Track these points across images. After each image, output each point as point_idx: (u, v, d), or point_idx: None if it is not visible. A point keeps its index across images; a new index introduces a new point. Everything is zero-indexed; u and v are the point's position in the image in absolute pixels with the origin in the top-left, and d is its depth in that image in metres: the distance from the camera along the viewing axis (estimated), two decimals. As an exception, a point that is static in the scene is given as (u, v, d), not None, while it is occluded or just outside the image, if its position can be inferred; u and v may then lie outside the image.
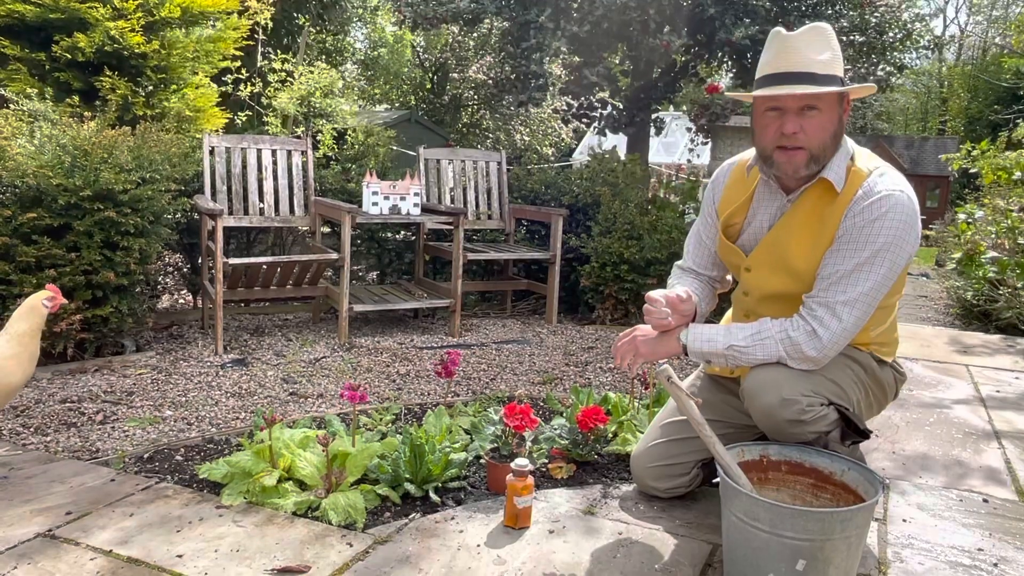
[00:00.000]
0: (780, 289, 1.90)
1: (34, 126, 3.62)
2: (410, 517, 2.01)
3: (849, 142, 1.84)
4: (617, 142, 9.89)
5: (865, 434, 1.83)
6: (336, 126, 6.58)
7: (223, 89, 6.68)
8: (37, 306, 2.16)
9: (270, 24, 7.75)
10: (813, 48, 1.73)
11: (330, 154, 6.06)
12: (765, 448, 1.84)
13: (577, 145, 19.40)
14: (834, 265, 1.75)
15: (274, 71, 7.35)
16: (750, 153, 1.97)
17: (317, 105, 6.78)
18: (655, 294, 1.91)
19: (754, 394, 1.81)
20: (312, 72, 7.08)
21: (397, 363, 3.68)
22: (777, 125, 1.77)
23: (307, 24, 10.80)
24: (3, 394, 2.07)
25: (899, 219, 1.71)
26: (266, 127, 6.97)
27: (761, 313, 1.91)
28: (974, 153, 7.04)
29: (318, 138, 6.16)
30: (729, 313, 2.20)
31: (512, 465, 1.95)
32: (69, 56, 4.83)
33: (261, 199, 4.31)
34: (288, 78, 7.21)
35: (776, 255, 1.88)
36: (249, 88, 7.45)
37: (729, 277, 2.21)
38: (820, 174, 1.79)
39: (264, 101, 7.21)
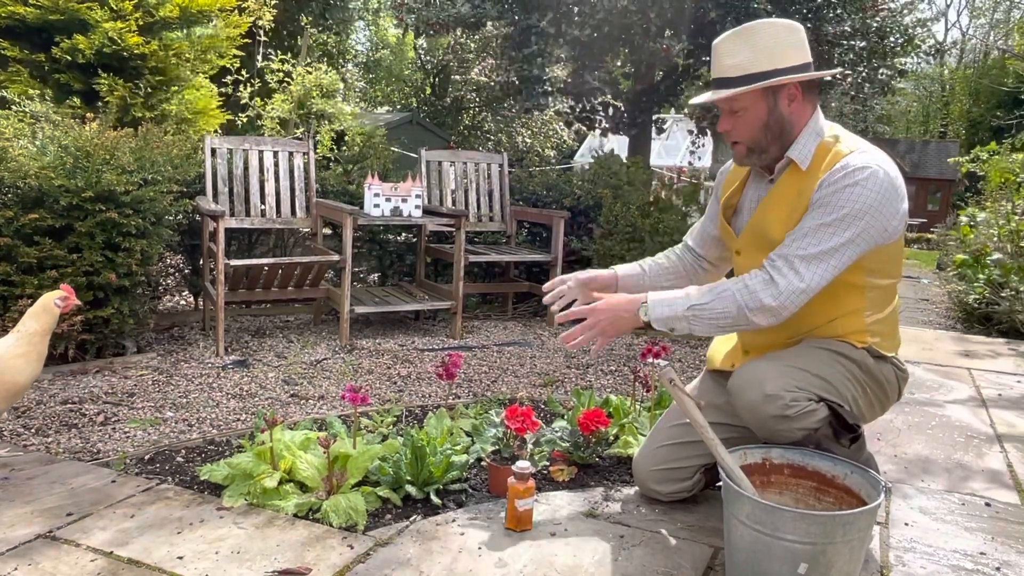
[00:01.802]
0: None
1: (36, 127, 3.63)
2: (411, 519, 2.01)
3: (826, 125, 1.88)
4: (619, 145, 9.89)
5: (854, 429, 1.82)
6: (335, 127, 6.58)
7: (223, 91, 6.68)
8: (49, 306, 2.16)
9: (271, 25, 7.75)
10: (728, 53, 1.84)
11: (328, 155, 6.06)
12: (768, 451, 1.83)
13: (579, 147, 19.41)
14: (801, 224, 1.78)
15: (272, 71, 7.35)
16: None
17: (316, 107, 6.78)
18: (552, 282, 2.11)
19: (738, 391, 1.82)
20: (311, 73, 7.08)
21: (398, 365, 3.67)
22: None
23: (308, 25, 10.81)
24: (11, 393, 2.07)
25: (873, 188, 1.72)
26: (260, 129, 6.96)
27: None
28: (982, 155, 7.03)
29: (317, 139, 6.16)
30: None
31: (513, 467, 1.94)
32: (69, 58, 4.83)
33: (262, 200, 4.31)
34: (286, 79, 7.20)
35: (759, 233, 1.93)
36: (249, 89, 7.45)
37: (720, 264, 2.27)
38: (787, 155, 1.87)
39: (257, 102, 7.20)
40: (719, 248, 2.21)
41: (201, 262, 4.27)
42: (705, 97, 1.88)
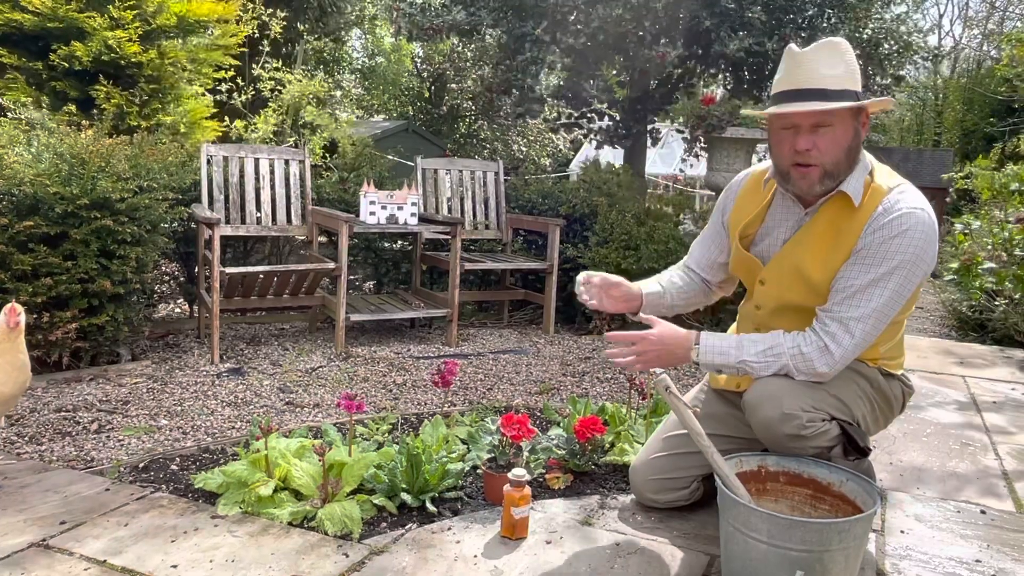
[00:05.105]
0: (795, 301, 1.88)
1: (31, 134, 3.63)
2: (407, 527, 2.00)
3: (868, 157, 1.84)
4: (614, 154, 9.91)
5: (865, 451, 1.83)
6: (327, 135, 6.57)
7: (218, 98, 6.68)
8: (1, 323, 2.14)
9: (280, 35, 7.73)
10: (824, 63, 1.73)
11: (320, 163, 6.05)
12: (763, 459, 1.83)
13: (574, 156, 19.44)
14: (848, 279, 1.75)
15: (264, 80, 7.34)
16: (767, 164, 1.98)
17: (306, 118, 6.76)
18: (586, 274, 2.00)
19: (755, 406, 1.80)
20: (302, 81, 7.07)
21: (394, 373, 3.67)
22: (791, 143, 1.78)
23: (305, 32, 10.80)
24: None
25: (919, 237, 1.71)
26: (249, 138, 6.94)
27: (773, 326, 1.89)
28: (972, 170, 7.05)
29: (308, 147, 6.14)
30: (734, 326, 2.19)
31: (509, 475, 1.94)
32: (66, 65, 4.84)
33: (258, 208, 4.30)
34: (278, 86, 7.19)
35: (792, 267, 1.87)
36: (243, 96, 7.44)
37: (726, 285, 2.21)
38: (838, 188, 1.79)
39: (245, 111, 7.18)
40: (724, 272, 2.16)
41: (196, 270, 4.27)
42: (798, 107, 1.72)
